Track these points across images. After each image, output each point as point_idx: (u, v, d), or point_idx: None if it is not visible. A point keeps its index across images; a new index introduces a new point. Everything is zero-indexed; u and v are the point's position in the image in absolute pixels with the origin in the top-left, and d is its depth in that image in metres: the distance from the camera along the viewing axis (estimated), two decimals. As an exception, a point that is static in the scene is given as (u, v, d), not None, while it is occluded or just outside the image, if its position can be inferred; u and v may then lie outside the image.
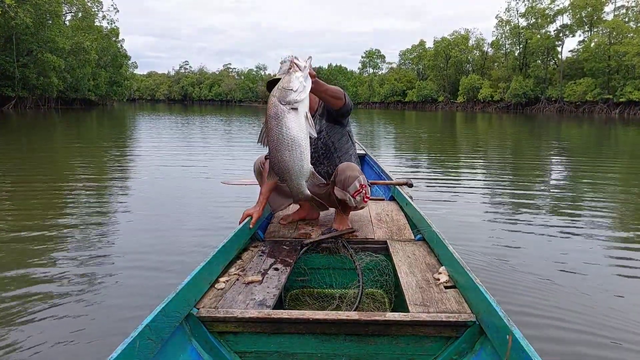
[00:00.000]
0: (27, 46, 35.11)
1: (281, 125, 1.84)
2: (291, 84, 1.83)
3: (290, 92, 1.83)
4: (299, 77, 1.85)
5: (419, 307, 1.73)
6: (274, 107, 1.84)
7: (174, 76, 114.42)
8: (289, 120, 1.85)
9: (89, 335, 2.30)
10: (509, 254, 3.56)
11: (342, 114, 2.61)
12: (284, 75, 1.88)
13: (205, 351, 1.61)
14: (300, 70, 1.86)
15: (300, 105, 1.85)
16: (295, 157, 1.88)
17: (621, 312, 2.59)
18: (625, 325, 2.45)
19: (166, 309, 1.47)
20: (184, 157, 9.68)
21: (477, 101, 61.14)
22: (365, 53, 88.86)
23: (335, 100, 2.43)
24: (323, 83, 2.22)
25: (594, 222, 4.58)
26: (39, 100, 38.80)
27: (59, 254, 3.52)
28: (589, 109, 47.28)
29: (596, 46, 46.49)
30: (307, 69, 1.89)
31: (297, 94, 1.83)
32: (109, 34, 52.05)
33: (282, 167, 1.91)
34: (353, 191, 2.49)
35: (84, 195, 5.78)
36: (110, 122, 24.26)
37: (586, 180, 7.49)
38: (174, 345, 1.51)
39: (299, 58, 1.92)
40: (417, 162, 9.63)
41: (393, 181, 3.81)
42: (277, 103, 1.83)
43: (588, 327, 2.41)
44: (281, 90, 1.85)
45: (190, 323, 1.64)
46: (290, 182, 1.95)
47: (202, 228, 4.17)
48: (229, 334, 1.66)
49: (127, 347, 1.25)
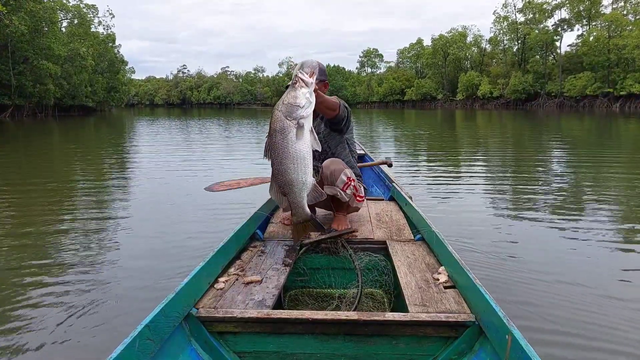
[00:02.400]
0: (23, 54, 34.98)
1: (287, 140, 1.86)
2: (297, 100, 1.84)
3: (296, 108, 1.84)
4: (305, 93, 1.87)
5: (418, 307, 1.72)
6: (280, 122, 1.85)
7: (172, 80, 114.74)
8: (294, 135, 1.87)
9: (88, 335, 2.31)
10: (509, 253, 3.53)
11: (334, 122, 2.68)
12: (289, 90, 1.89)
13: (204, 351, 1.61)
14: (307, 86, 1.88)
15: (306, 121, 1.87)
16: (299, 171, 1.89)
17: (622, 312, 2.57)
18: (626, 325, 2.42)
19: (166, 309, 1.47)
20: (182, 160, 9.68)
21: (476, 98, 61.15)
22: (363, 52, 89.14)
23: (330, 111, 2.50)
24: (321, 94, 2.25)
25: (595, 219, 4.55)
26: (36, 107, 38.59)
27: (58, 257, 3.51)
28: (589, 103, 47.23)
29: (595, 40, 46.47)
30: (313, 85, 1.91)
31: (304, 110, 1.85)
32: (105, 39, 52.01)
33: (285, 180, 1.92)
34: (342, 185, 2.51)
35: (82, 201, 5.78)
36: (108, 129, 24.30)
37: (587, 176, 7.46)
38: (173, 345, 1.51)
39: (304, 68, 1.94)
40: (416, 161, 9.63)
41: (375, 162, 4.40)
42: (283, 118, 1.84)
43: (588, 327, 2.39)
44: (287, 105, 1.85)
45: (189, 323, 1.64)
46: (292, 196, 1.95)
47: (201, 229, 4.14)
48: (229, 334, 1.65)
49: (126, 347, 1.25)
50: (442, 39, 65.79)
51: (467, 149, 12.01)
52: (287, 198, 1.97)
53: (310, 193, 1.97)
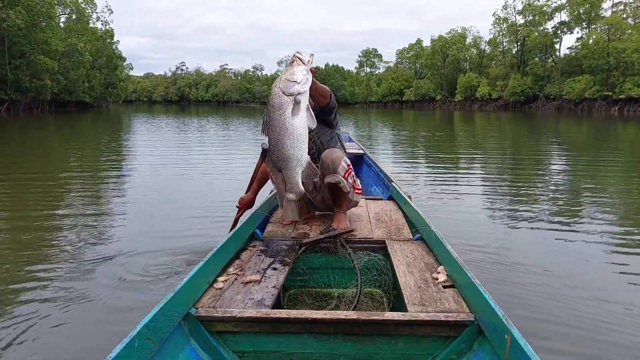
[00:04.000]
0: (20, 48, 34.77)
1: (284, 115, 1.89)
2: (295, 76, 1.89)
3: (294, 83, 1.88)
4: (302, 70, 1.92)
5: (417, 306, 1.72)
6: (278, 97, 1.88)
7: (171, 77, 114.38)
8: (291, 111, 1.90)
9: (87, 335, 2.29)
10: (508, 253, 3.52)
11: (325, 111, 2.73)
12: (287, 68, 1.95)
13: (203, 351, 1.60)
14: (304, 63, 1.93)
15: (302, 97, 1.90)
16: (295, 146, 1.92)
17: (621, 311, 2.57)
18: (625, 325, 2.42)
19: (165, 309, 1.47)
20: (179, 158, 9.66)
21: (475, 99, 61.19)
22: (362, 52, 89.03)
23: (322, 98, 2.56)
24: (315, 80, 2.32)
25: (593, 221, 4.55)
26: (32, 102, 38.33)
27: (54, 254, 3.48)
28: (588, 106, 47.34)
29: (595, 43, 46.59)
30: (310, 63, 1.97)
31: (301, 85, 1.89)
32: (104, 35, 51.79)
33: (282, 155, 1.95)
34: (343, 172, 2.56)
35: (78, 197, 5.74)
36: (105, 125, 24.21)
37: (585, 178, 7.47)
38: (172, 345, 1.51)
39: (302, 53, 2.04)
40: (415, 162, 9.66)
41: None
42: (281, 94, 1.88)
43: (587, 327, 2.39)
44: (284, 81, 1.89)
45: (188, 323, 1.63)
46: (288, 171, 1.98)
47: (201, 229, 4.12)
48: (228, 334, 1.65)
49: (125, 347, 1.25)
50: (442, 39, 65.78)
51: (466, 150, 12.01)
52: (282, 173, 2.00)
53: (305, 170, 2.01)
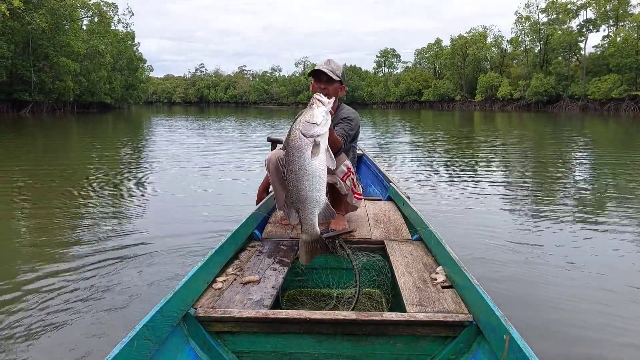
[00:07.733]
0: (43, 51, 35.61)
1: (303, 157, 1.91)
2: (314, 118, 1.91)
3: (313, 125, 1.90)
4: (322, 111, 1.94)
5: (416, 307, 1.72)
6: (298, 139, 1.91)
7: (190, 79, 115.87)
8: (310, 152, 1.92)
9: (87, 335, 2.30)
10: (507, 253, 3.53)
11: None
12: (306, 110, 1.97)
13: (202, 351, 1.61)
14: (324, 105, 1.96)
15: (322, 138, 1.92)
16: (314, 188, 1.93)
17: (621, 312, 2.57)
18: (625, 325, 2.41)
19: (164, 309, 1.48)
20: (196, 159, 9.75)
21: (495, 100, 60.16)
22: (380, 52, 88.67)
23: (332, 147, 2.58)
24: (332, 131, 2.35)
25: (595, 221, 4.50)
26: (55, 104, 39.27)
27: (59, 253, 3.52)
28: (614, 107, 46.00)
29: (623, 41, 45.16)
30: (330, 104, 1.99)
31: (320, 127, 1.91)
32: (125, 37, 52.72)
33: (299, 197, 1.96)
34: (341, 175, 2.58)
35: (94, 197, 5.84)
36: (126, 125, 24.70)
37: (584, 180, 7.37)
38: (171, 345, 1.51)
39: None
40: (431, 166, 9.65)
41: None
42: (301, 135, 1.91)
43: (586, 327, 2.39)
44: (304, 123, 1.92)
45: (187, 323, 1.64)
46: (305, 213, 1.99)
47: (200, 228, 4.12)
48: (227, 334, 1.66)
49: (124, 347, 1.25)
50: (462, 39, 64.94)
51: (481, 151, 11.88)
52: (299, 215, 2.00)
53: (322, 212, 2.00)
